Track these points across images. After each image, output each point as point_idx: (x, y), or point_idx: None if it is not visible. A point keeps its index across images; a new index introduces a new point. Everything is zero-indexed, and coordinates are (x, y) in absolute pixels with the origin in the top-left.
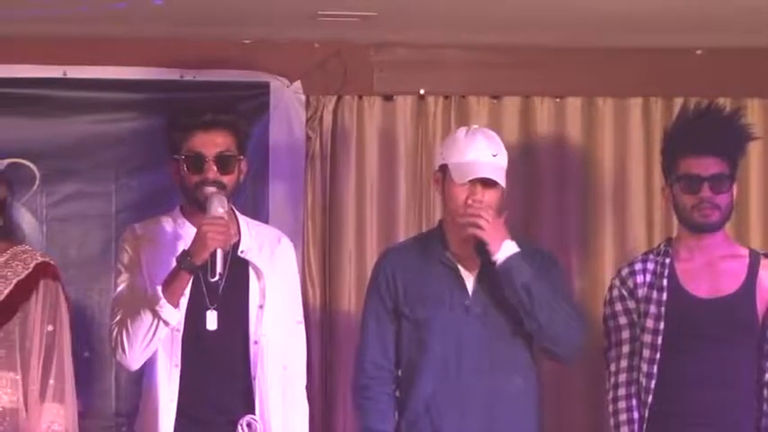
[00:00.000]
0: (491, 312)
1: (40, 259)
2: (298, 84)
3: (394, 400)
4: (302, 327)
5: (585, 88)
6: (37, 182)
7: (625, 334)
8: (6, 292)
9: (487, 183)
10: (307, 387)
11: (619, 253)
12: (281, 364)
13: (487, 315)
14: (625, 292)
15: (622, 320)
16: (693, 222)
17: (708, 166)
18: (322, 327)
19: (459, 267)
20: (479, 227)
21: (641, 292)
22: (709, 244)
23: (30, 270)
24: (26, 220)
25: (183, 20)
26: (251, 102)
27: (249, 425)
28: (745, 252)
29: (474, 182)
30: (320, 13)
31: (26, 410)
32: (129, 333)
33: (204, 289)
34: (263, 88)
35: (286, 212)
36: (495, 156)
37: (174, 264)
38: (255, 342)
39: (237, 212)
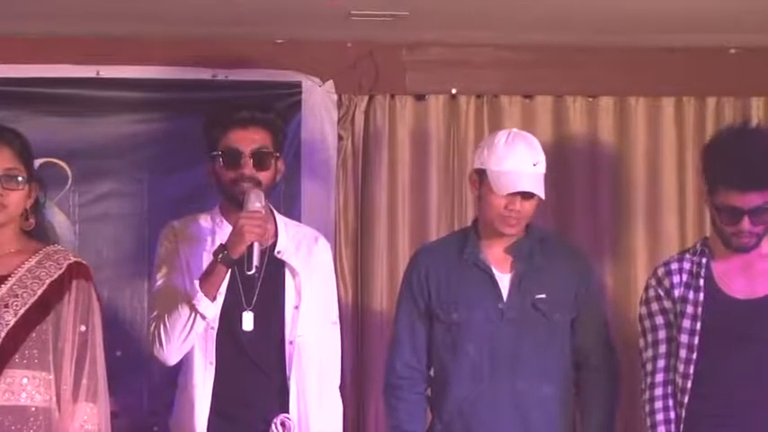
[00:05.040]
0: (525, 316)
1: (73, 259)
2: (330, 83)
3: (425, 401)
4: (337, 328)
5: (618, 88)
6: (69, 181)
7: (661, 334)
8: (40, 292)
9: (526, 194)
10: (340, 387)
11: (651, 253)
12: (315, 364)
13: (522, 319)
14: (661, 292)
15: (659, 320)
16: (730, 245)
17: (749, 200)
18: (354, 326)
19: (494, 270)
20: None
21: (677, 292)
22: None
23: (62, 270)
24: (59, 219)
25: (215, 20)
26: (283, 101)
27: (283, 424)
28: None
29: (513, 192)
30: (352, 12)
31: (59, 410)
32: (167, 327)
33: (240, 288)
34: (296, 88)
35: (318, 212)
36: (535, 165)
37: (211, 258)
38: (291, 342)
39: (275, 212)
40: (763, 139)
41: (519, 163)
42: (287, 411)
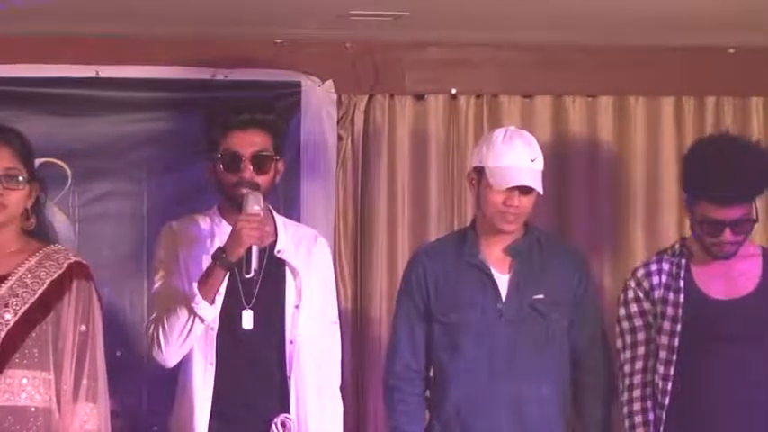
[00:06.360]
0: (524, 316)
1: (73, 259)
2: (329, 83)
3: (424, 402)
4: (337, 327)
5: (617, 87)
6: (69, 181)
7: (641, 336)
8: (40, 291)
9: (524, 189)
10: (339, 387)
11: (650, 252)
12: (316, 364)
13: (520, 319)
14: (641, 294)
15: (638, 322)
16: (711, 253)
17: (731, 213)
18: (353, 326)
19: (492, 270)
20: None
21: (657, 294)
22: None
23: (62, 270)
24: (58, 219)
25: (214, 19)
26: (283, 101)
27: (284, 424)
28: (757, 251)
29: (512, 188)
30: (352, 12)
31: (59, 410)
32: (166, 329)
33: (240, 288)
34: (295, 87)
35: (317, 212)
36: (533, 161)
37: (209, 260)
38: (291, 341)
39: (274, 212)
40: (745, 152)
41: (517, 158)
42: (287, 411)
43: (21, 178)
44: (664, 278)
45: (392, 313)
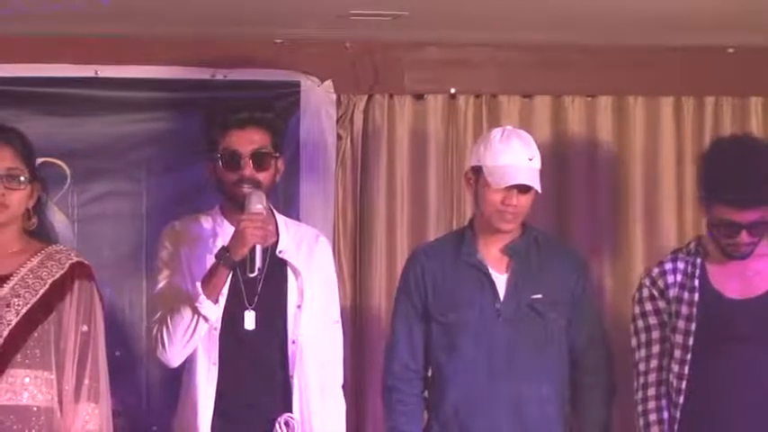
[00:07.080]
0: (522, 316)
1: (75, 259)
2: (329, 83)
3: (422, 402)
4: (339, 326)
5: (617, 87)
6: (68, 181)
7: (655, 334)
8: (42, 292)
9: (522, 188)
10: (342, 386)
11: (649, 252)
12: (318, 363)
13: (518, 319)
14: (656, 292)
15: (652, 320)
16: (726, 253)
17: (747, 215)
18: (353, 325)
19: (490, 269)
20: None
21: (672, 293)
22: None
23: (64, 270)
24: (58, 219)
25: (214, 19)
26: (282, 101)
27: (287, 423)
28: None
29: (510, 187)
30: (351, 12)
31: (60, 410)
32: (170, 329)
33: (242, 288)
34: (294, 87)
35: (317, 211)
36: (530, 159)
37: (212, 260)
38: (293, 341)
39: (276, 212)
40: (761, 154)
41: (515, 157)
42: (290, 411)
43: (22, 178)
44: (679, 277)
45: (391, 312)
